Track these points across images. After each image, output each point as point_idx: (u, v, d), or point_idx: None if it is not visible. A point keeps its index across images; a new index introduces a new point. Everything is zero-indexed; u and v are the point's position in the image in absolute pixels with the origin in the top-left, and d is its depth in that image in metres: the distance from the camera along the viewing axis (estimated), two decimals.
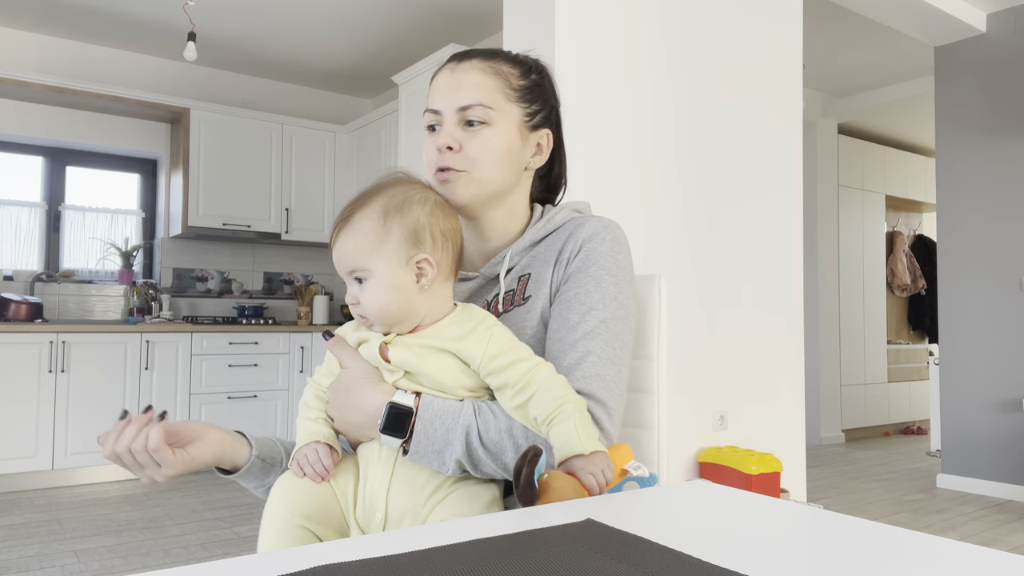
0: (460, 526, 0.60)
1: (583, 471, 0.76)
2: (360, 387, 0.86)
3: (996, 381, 4.02)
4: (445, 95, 0.97)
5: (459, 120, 0.96)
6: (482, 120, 0.96)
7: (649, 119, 2.67)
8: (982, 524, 3.47)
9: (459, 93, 0.96)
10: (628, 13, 2.61)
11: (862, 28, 4.44)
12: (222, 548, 2.99)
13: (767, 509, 0.67)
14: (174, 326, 4.40)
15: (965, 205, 4.18)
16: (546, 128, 1.04)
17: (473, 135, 0.96)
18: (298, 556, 0.52)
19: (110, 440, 0.85)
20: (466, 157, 0.96)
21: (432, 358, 0.85)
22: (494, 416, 0.85)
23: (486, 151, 0.96)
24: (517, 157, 1.00)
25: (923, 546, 0.56)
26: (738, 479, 2.52)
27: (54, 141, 4.68)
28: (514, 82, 1.00)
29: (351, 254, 0.85)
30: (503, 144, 0.97)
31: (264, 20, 4.39)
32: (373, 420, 0.85)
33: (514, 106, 0.99)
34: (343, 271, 0.87)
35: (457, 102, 0.96)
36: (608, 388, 0.91)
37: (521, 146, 1.00)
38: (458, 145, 0.96)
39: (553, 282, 0.97)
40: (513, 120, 0.99)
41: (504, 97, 0.98)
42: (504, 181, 0.99)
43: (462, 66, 0.98)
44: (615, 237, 0.98)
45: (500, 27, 4.38)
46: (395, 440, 0.83)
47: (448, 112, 0.97)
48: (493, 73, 0.98)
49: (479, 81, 0.97)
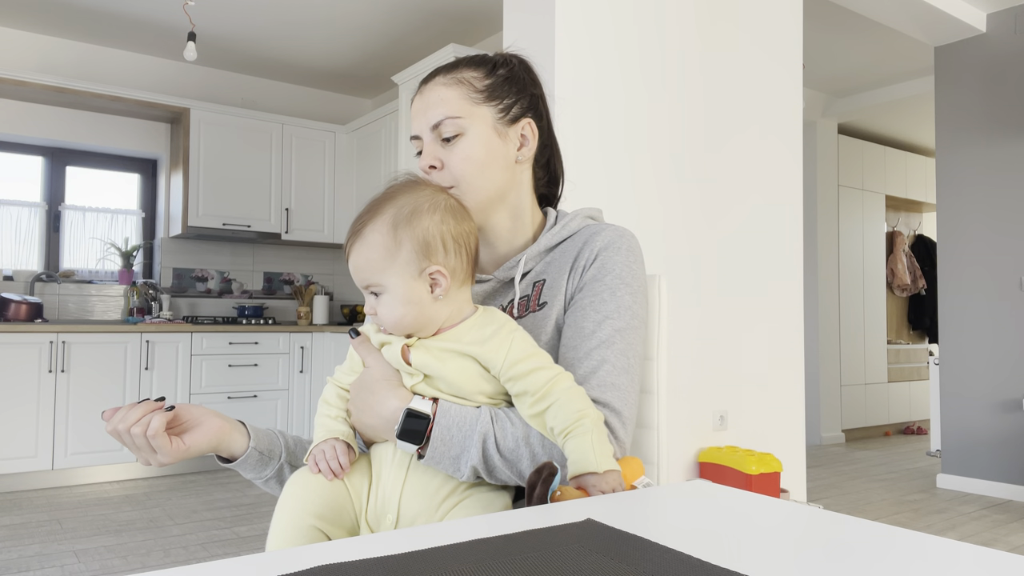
0: (460, 526, 0.60)
1: (595, 488, 0.77)
2: (379, 389, 0.86)
3: (996, 381, 4.02)
4: (418, 118, 1.00)
5: (435, 138, 0.98)
6: (455, 132, 0.97)
7: (649, 119, 2.67)
8: (982, 524, 3.47)
9: (428, 113, 0.98)
10: (627, 13, 2.61)
11: (862, 28, 4.44)
12: (222, 548, 2.99)
13: (767, 509, 0.67)
14: (174, 326, 4.40)
15: (965, 205, 4.18)
16: (527, 118, 1.02)
17: (451, 149, 0.97)
18: (298, 556, 0.52)
19: (116, 417, 0.87)
20: (450, 172, 0.97)
21: (453, 362, 0.85)
22: (511, 424, 0.85)
23: (465, 161, 0.97)
24: (501, 156, 1.00)
25: (923, 546, 0.56)
26: (738, 479, 2.52)
27: (54, 141, 4.69)
28: (478, 84, 0.99)
29: (364, 269, 0.86)
30: (481, 149, 0.98)
31: (264, 20, 4.39)
32: (388, 424, 0.85)
33: (483, 108, 0.99)
34: (359, 285, 0.88)
35: (428, 121, 0.98)
36: (622, 397, 0.92)
37: (502, 144, 1.00)
38: (440, 163, 0.97)
39: (568, 289, 0.98)
40: (486, 122, 0.98)
41: (471, 102, 0.98)
42: (495, 183, 0.99)
43: (427, 86, 1.00)
44: (630, 247, 0.99)
45: (500, 27, 4.38)
46: (411, 446, 0.83)
47: (424, 133, 0.99)
48: (455, 83, 0.99)
49: (443, 95, 0.98)
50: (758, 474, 2.50)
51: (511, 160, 1.01)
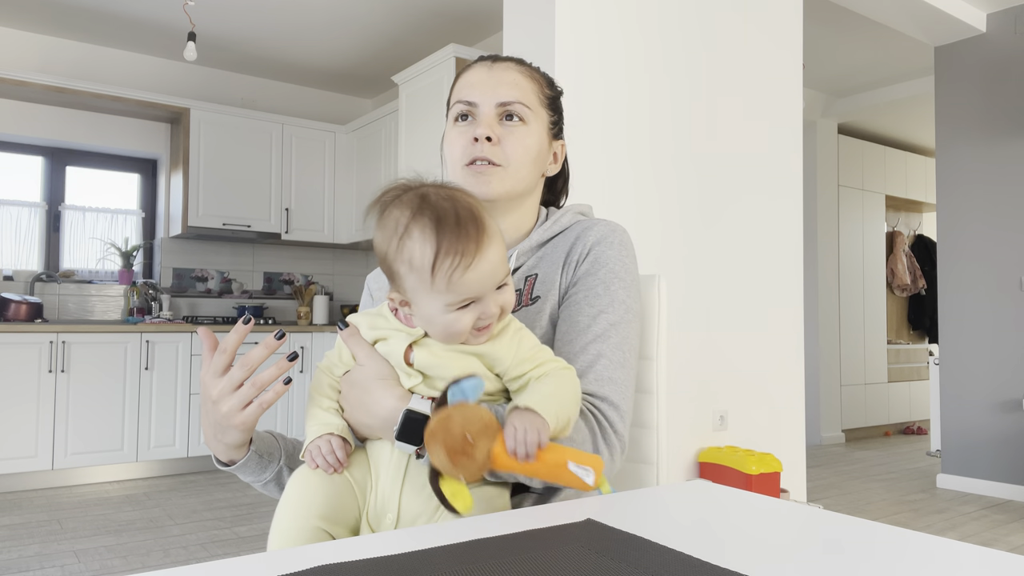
0: (460, 526, 0.60)
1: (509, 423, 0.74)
2: (374, 388, 0.83)
3: (996, 381, 4.02)
4: (483, 89, 0.99)
5: (497, 116, 0.99)
6: (520, 117, 0.99)
7: (648, 119, 2.67)
8: (982, 524, 3.47)
9: (499, 89, 0.99)
10: (627, 13, 2.61)
11: (862, 28, 4.44)
12: (222, 548, 2.99)
13: (767, 509, 0.67)
14: (174, 326, 4.40)
15: (965, 205, 4.18)
16: (562, 140, 1.08)
17: (510, 131, 0.99)
18: (298, 556, 0.52)
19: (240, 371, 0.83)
20: (503, 151, 0.98)
21: (458, 361, 0.82)
22: None
23: (521, 148, 0.99)
24: (543, 160, 1.04)
25: (923, 546, 0.56)
26: (738, 479, 2.52)
27: (54, 141, 4.68)
28: (545, 90, 1.04)
29: (518, 86, 0.99)
30: (536, 144, 1.01)
31: (264, 20, 4.39)
32: (385, 424, 0.82)
33: (544, 112, 1.03)
34: (504, 98, 0.98)
35: (497, 97, 0.99)
36: (620, 391, 0.92)
37: (547, 151, 1.04)
38: (496, 138, 0.97)
39: (562, 284, 0.98)
40: (543, 124, 1.03)
41: (538, 101, 1.02)
42: (530, 182, 1.02)
43: (499, 65, 1.02)
44: (622, 241, 1.00)
45: (500, 27, 4.38)
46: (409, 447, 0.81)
47: (486, 105, 0.99)
48: (530, 77, 1.02)
49: (518, 81, 1.00)
50: (758, 474, 2.50)
51: (543, 169, 1.05)
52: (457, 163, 0.99)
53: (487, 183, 0.97)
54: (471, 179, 0.97)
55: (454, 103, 1.02)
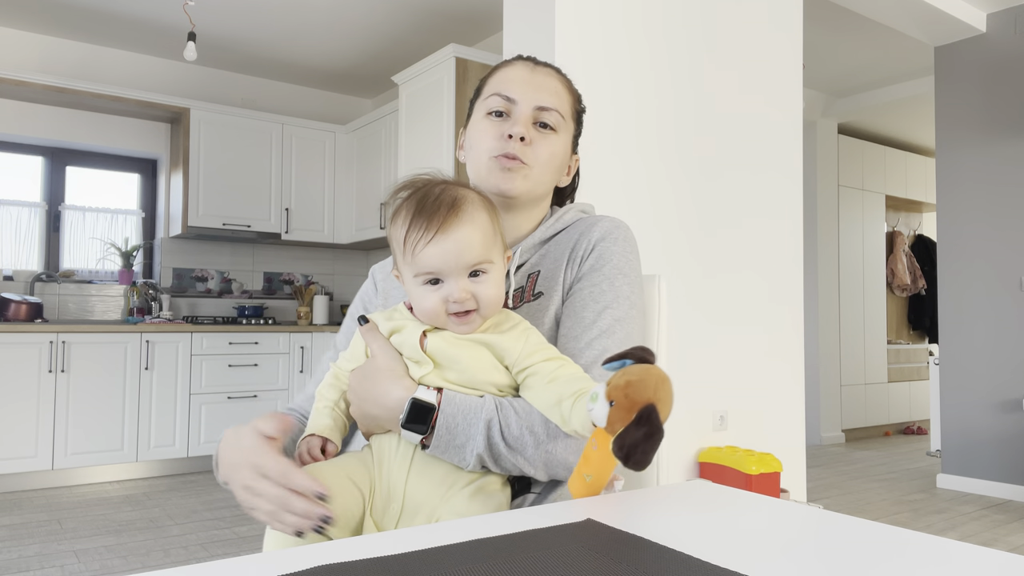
0: (460, 526, 0.60)
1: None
2: (382, 379, 0.86)
3: (996, 381, 4.02)
4: (524, 89, 1.01)
5: (534, 118, 1.01)
6: (553, 126, 1.02)
7: (648, 119, 2.67)
8: (982, 524, 3.47)
9: (541, 93, 1.01)
10: (628, 14, 2.61)
11: (862, 28, 4.44)
12: (222, 548, 2.99)
13: (767, 509, 0.67)
14: (174, 326, 4.40)
15: (965, 205, 4.18)
16: (577, 154, 1.11)
17: (543, 137, 1.01)
18: (298, 556, 0.52)
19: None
20: (533, 154, 1.00)
21: (467, 350, 0.85)
22: (515, 413, 0.85)
23: (550, 154, 1.02)
24: (562, 170, 1.07)
25: (923, 546, 0.56)
26: (738, 479, 2.52)
27: (54, 141, 4.68)
28: (576, 104, 1.08)
29: (478, 245, 0.84)
30: (561, 153, 1.04)
31: (264, 20, 4.39)
32: (392, 413, 0.84)
33: (572, 124, 1.07)
34: (464, 263, 0.83)
35: (538, 100, 1.01)
36: None
37: (567, 161, 1.07)
38: (530, 140, 1.00)
39: (566, 280, 0.99)
40: (569, 136, 1.06)
41: (570, 113, 1.06)
42: (547, 188, 1.05)
43: (541, 69, 1.05)
44: (626, 237, 1.01)
45: (500, 27, 4.38)
46: (416, 436, 0.83)
47: (525, 105, 1.01)
48: (567, 88, 1.06)
49: (558, 89, 1.04)
50: (758, 474, 2.50)
51: (560, 178, 1.08)
52: (485, 152, 1.01)
53: (512, 179, 0.99)
54: (497, 170, 0.99)
55: (491, 94, 1.03)
